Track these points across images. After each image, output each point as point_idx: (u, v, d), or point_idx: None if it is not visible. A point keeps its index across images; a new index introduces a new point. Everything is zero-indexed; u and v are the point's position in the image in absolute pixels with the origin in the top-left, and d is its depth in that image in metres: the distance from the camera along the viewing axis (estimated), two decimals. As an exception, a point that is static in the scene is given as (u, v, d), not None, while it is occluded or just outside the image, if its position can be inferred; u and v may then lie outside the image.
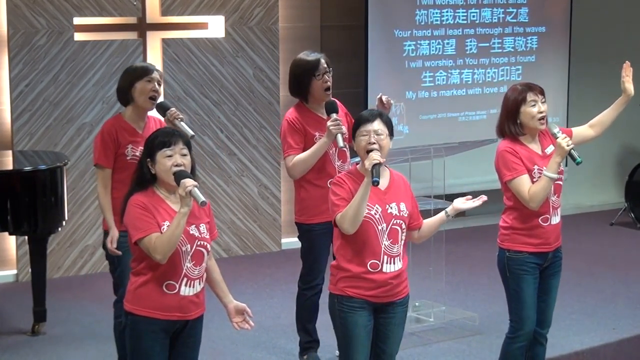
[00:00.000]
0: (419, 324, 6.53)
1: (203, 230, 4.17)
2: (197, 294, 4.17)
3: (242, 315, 4.30)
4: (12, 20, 7.54)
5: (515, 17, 9.31)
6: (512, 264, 4.92)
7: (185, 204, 3.98)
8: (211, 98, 8.25)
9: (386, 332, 4.45)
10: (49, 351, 6.17)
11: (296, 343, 5.98)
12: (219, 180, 8.35)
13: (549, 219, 4.91)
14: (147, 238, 4.00)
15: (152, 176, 4.13)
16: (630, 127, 10.31)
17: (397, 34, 8.69)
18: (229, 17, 8.27)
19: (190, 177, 4.06)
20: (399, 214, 4.39)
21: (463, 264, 8.07)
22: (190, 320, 4.17)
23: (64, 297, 7.23)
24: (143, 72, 5.27)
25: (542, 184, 4.76)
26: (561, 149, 4.74)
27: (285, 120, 5.54)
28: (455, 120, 9.05)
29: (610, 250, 8.65)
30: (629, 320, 6.68)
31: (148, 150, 4.14)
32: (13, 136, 7.64)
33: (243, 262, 8.25)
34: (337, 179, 4.37)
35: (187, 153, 4.14)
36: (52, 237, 6.87)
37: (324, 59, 5.54)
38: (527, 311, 4.93)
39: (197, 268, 4.14)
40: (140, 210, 4.05)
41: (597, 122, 5.18)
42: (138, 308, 4.09)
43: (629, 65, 5.18)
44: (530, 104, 4.83)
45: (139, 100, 5.26)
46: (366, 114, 4.39)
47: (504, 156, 4.85)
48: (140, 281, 4.10)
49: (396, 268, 4.39)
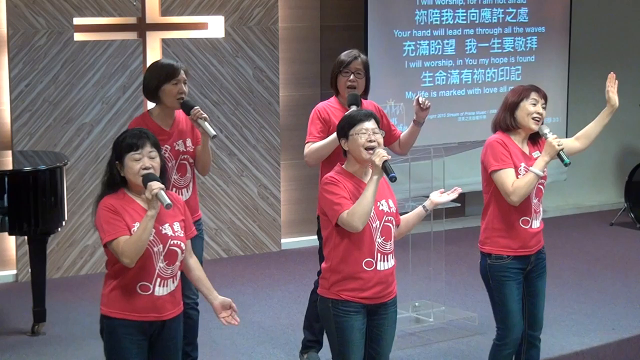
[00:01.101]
0: (419, 324, 6.53)
1: (177, 228, 4.14)
2: (172, 293, 4.14)
3: (228, 311, 4.24)
4: (11, 20, 7.54)
5: (515, 17, 9.32)
6: (495, 271, 4.90)
7: (152, 207, 3.96)
8: (211, 98, 8.25)
9: (379, 334, 4.42)
10: (49, 351, 6.18)
11: (296, 343, 5.98)
12: (219, 180, 8.35)
13: (530, 222, 4.87)
14: (115, 241, 3.97)
15: (121, 178, 4.10)
16: (630, 127, 10.32)
17: (397, 34, 8.69)
18: (229, 17, 8.28)
19: (158, 179, 4.02)
20: (390, 210, 4.38)
21: (463, 264, 8.06)
22: (167, 321, 4.14)
23: (64, 297, 7.23)
24: (169, 74, 5.22)
25: (527, 179, 4.75)
26: (551, 148, 4.74)
27: (314, 109, 5.61)
28: (454, 120, 9.05)
29: (610, 250, 8.65)
30: (629, 320, 6.68)
31: (116, 152, 4.10)
32: (13, 136, 7.64)
33: (243, 263, 8.25)
34: (330, 179, 4.32)
35: (156, 155, 4.10)
36: (52, 237, 6.87)
37: (360, 59, 5.60)
38: (513, 318, 4.91)
39: (170, 267, 4.11)
40: (109, 213, 4.02)
41: (582, 135, 5.16)
42: (113, 311, 4.07)
43: (614, 77, 5.16)
44: (532, 101, 4.85)
45: (167, 102, 5.26)
46: (359, 114, 4.36)
47: (493, 147, 4.84)
48: (114, 284, 4.08)
49: (389, 265, 4.37)
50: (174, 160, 5.25)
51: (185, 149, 5.29)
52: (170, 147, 5.24)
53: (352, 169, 4.36)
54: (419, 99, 5.52)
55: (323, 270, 4.40)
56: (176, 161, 5.26)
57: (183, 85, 5.25)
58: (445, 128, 8.88)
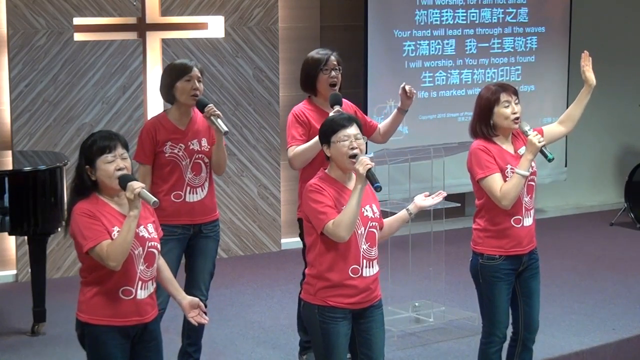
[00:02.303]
0: (418, 324, 6.53)
1: (151, 230, 4.11)
2: (151, 295, 4.12)
3: (196, 310, 4.23)
4: (11, 20, 7.54)
5: (514, 17, 9.31)
6: (485, 271, 4.89)
7: (134, 207, 3.91)
8: (211, 98, 8.24)
9: (369, 337, 4.39)
10: (49, 351, 6.17)
11: (296, 343, 5.98)
12: (219, 180, 8.34)
13: (521, 221, 4.84)
14: (99, 246, 3.92)
15: (92, 183, 4.03)
16: (630, 127, 10.32)
17: (397, 34, 8.69)
18: (229, 17, 8.28)
19: (136, 179, 3.99)
20: (374, 215, 4.35)
21: (463, 264, 8.01)
22: (149, 323, 4.12)
23: (64, 297, 7.21)
24: (182, 71, 5.29)
25: (514, 182, 4.73)
26: (532, 146, 4.71)
27: (291, 113, 5.59)
28: (454, 120, 9.04)
29: (610, 250, 8.65)
30: (629, 320, 6.68)
31: (86, 157, 4.04)
32: (13, 136, 7.64)
33: (243, 263, 8.25)
34: (314, 186, 4.28)
35: (127, 156, 4.05)
36: (52, 237, 6.86)
37: (334, 56, 5.59)
38: (499, 316, 4.90)
39: (150, 270, 4.09)
40: (86, 219, 3.96)
41: (565, 118, 5.14)
42: (95, 317, 4.04)
43: (588, 55, 5.17)
44: (504, 104, 4.80)
45: (181, 99, 5.30)
46: (341, 120, 4.31)
47: (477, 154, 4.82)
48: (95, 290, 4.05)
49: (374, 271, 4.35)
50: (188, 159, 5.29)
51: (200, 148, 5.33)
52: (184, 145, 5.28)
53: (334, 174, 4.33)
54: (405, 87, 5.52)
55: (307, 276, 4.36)
56: (190, 160, 5.29)
57: (197, 82, 5.29)
58: (445, 128, 8.88)
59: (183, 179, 5.31)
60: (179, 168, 5.29)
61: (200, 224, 5.38)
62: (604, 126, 10.18)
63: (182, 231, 5.30)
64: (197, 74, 5.30)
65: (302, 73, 5.66)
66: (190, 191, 5.31)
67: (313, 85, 5.57)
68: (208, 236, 5.44)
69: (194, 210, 5.34)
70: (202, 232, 5.40)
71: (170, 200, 5.27)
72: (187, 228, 5.33)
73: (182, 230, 5.30)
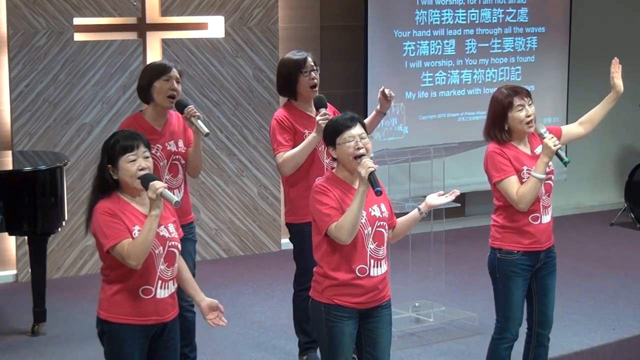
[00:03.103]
0: (418, 324, 6.53)
1: (172, 230, 4.13)
2: (172, 295, 4.13)
3: (215, 312, 4.23)
4: (11, 20, 7.54)
5: (514, 18, 9.31)
6: (503, 265, 4.90)
7: (156, 206, 3.93)
8: (211, 98, 8.25)
9: (375, 337, 4.39)
10: (49, 351, 6.17)
11: (296, 343, 5.98)
12: (219, 180, 8.35)
13: (539, 218, 4.87)
14: (119, 245, 3.93)
15: (114, 181, 4.05)
16: (630, 127, 10.32)
17: (397, 34, 8.69)
18: (229, 17, 8.28)
19: (158, 178, 4.00)
20: (382, 215, 4.35)
21: (463, 264, 8.06)
22: (168, 322, 4.13)
23: (64, 297, 7.23)
24: (160, 71, 5.26)
25: (531, 185, 4.74)
26: (548, 149, 4.72)
27: (274, 119, 5.53)
28: (454, 120, 9.04)
29: (610, 250, 8.65)
30: (629, 320, 6.68)
31: (109, 155, 4.05)
32: (13, 136, 7.64)
33: (243, 263, 8.25)
34: (320, 187, 4.28)
35: (149, 155, 4.08)
36: (52, 237, 6.86)
37: (310, 57, 5.56)
38: (513, 312, 4.92)
39: (170, 269, 4.10)
40: (108, 217, 3.98)
41: (586, 120, 5.17)
42: (115, 315, 4.04)
43: (618, 62, 5.18)
44: (518, 109, 4.80)
45: (158, 99, 5.26)
46: (344, 120, 4.29)
47: (492, 157, 4.84)
48: (115, 288, 4.05)
49: (382, 271, 4.35)
50: (166, 160, 5.24)
51: (177, 150, 5.29)
52: (162, 146, 5.23)
53: (342, 175, 4.33)
54: (385, 91, 5.50)
55: (315, 274, 4.37)
56: (168, 161, 5.25)
57: (175, 83, 5.25)
58: (445, 128, 8.88)
59: (160, 180, 5.28)
60: (157, 169, 5.24)
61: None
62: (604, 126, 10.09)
63: None
64: (175, 75, 5.26)
65: (279, 77, 5.60)
66: None
67: (293, 89, 5.52)
68: (186, 238, 5.41)
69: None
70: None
71: None
72: None
73: None
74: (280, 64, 5.63)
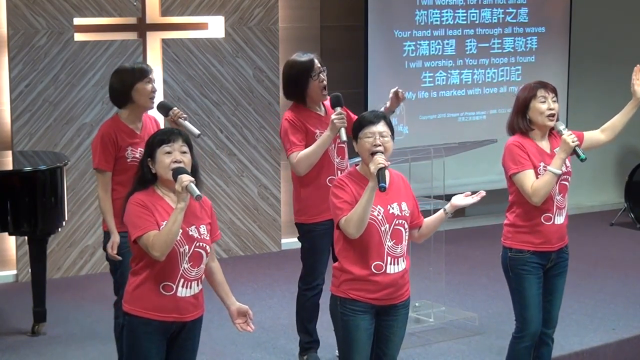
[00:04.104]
0: (419, 324, 6.53)
1: (203, 231, 4.15)
2: (195, 296, 4.15)
3: (244, 317, 4.28)
4: (12, 20, 7.54)
5: (515, 18, 9.32)
6: (514, 264, 4.92)
7: (182, 199, 3.97)
8: (211, 98, 8.25)
9: (388, 335, 4.43)
10: (49, 351, 6.18)
11: (296, 343, 5.98)
12: (219, 180, 8.35)
13: (552, 218, 4.88)
14: (146, 235, 3.99)
15: (152, 175, 4.12)
16: (630, 127, 10.22)
17: (397, 34, 8.69)
18: (229, 17, 8.28)
19: (188, 173, 4.03)
20: (401, 213, 4.38)
21: (463, 264, 8.07)
22: (188, 322, 4.15)
23: (64, 297, 7.23)
24: (142, 73, 5.28)
25: (546, 179, 4.76)
26: (566, 145, 4.76)
27: (284, 120, 5.54)
28: (455, 120, 9.05)
29: (610, 250, 8.65)
30: (629, 320, 6.68)
31: (149, 149, 4.14)
32: (13, 136, 7.64)
33: (243, 263, 8.26)
34: (339, 181, 4.35)
35: (187, 151, 4.13)
36: (52, 237, 6.87)
37: (317, 58, 5.55)
38: (531, 311, 4.93)
39: (195, 269, 4.12)
40: (139, 208, 4.04)
41: (608, 127, 5.25)
42: (135, 309, 4.09)
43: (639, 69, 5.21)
44: (540, 99, 4.86)
45: (140, 101, 5.26)
46: (370, 116, 4.38)
47: (511, 150, 4.87)
48: (138, 281, 4.09)
49: (400, 269, 4.38)
50: None
51: None
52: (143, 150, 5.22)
53: (362, 170, 4.39)
54: (398, 92, 5.51)
55: (334, 268, 4.43)
56: None
57: (154, 84, 5.27)
58: (445, 128, 8.88)
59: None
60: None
61: None
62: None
63: None
64: (153, 77, 5.31)
65: (287, 81, 5.58)
66: None
67: (302, 92, 5.52)
68: None
69: None
70: None
71: None
72: None
73: None
74: (287, 67, 5.59)
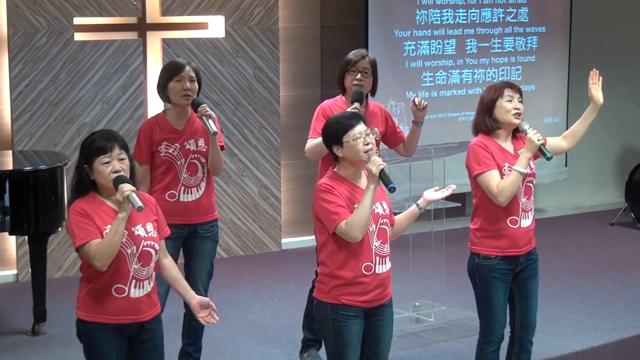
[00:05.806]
0: (419, 324, 6.54)
1: (150, 229, 4.11)
2: (149, 294, 4.11)
3: (207, 310, 4.22)
4: (12, 20, 7.54)
5: (515, 17, 9.32)
6: (482, 271, 4.88)
7: (123, 209, 3.92)
8: (211, 98, 8.25)
9: (378, 335, 4.41)
10: (49, 351, 6.18)
11: (296, 343, 5.98)
12: (219, 180, 8.35)
13: (518, 222, 4.83)
14: (87, 245, 3.94)
15: (90, 181, 4.05)
16: (630, 127, 10.32)
17: (397, 34, 8.69)
18: (229, 17, 8.28)
19: (129, 181, 3.98)
20: (384, 212, 4.37)
21: (463, 264, 7.99)
22: (145, 322, 4.11)
23: (64, 297, 7.22)
24: (173, 72, 5.31)
25: (512, 178, 4.72)
26: (531, 144, 4.72)
27: (319, 106, 5.64)
28: (455, 120, 9.05)
29: (610, 250, 8.65)
30: (629, 320, 6.68)
31: (85, 156, 4.05)
32: (13, 136, 7.64)
33: (243, 262, 8.26)
34: (325, 186, 4.28)
35: (125, 156, 4.05)
36: (52, 237, 6.86)
37: (368, 58, 5.66)
38: (496, 316, 4.90)
39: (145, 269, 4.08)
40: (79, 217, 3.98)
41: (569, 134, 5.10)
42: (89, 315, 4.07)
43: (597, 73, 5.12)
44: (507, 98, 4.83)
45: (174, 100, 5.32)
46: (347, 119, 4.31)
47: (474, 150, 4.84)
48: (88, 288, 4.07)
49: (387, 268, 4.36)
50: (183, 159, 5.30)
51: (197, 148, 5.33)
52: (180, 145, 5.29)
53: (345, 173, 4.34)
54: (415, 100, 5.56)
55: (320, 274, 4.38)
56: (186, 160, 5.30)
57: (188, 82, 5.29)
58: (446, 128, 8.88)
59: (178, 179, 5.31)
60: (174, 168, 5.30)
61: (196, 224, 5.38)
62: (604, 126, 10.15)
63: (175, 230, 5.22)
64: (188, 74, 5.29)
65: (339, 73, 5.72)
66: (184, 191, 5.32)
67: (342, 84, 5.65)
68: (204, 236, 5.44)
69: (189, 210, 5.34)
70: (198, 232, 5.39)
71: (164, 199, 5.26)
72: (181, 228, 5.31)
73: (176, 230, 5.20)
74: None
